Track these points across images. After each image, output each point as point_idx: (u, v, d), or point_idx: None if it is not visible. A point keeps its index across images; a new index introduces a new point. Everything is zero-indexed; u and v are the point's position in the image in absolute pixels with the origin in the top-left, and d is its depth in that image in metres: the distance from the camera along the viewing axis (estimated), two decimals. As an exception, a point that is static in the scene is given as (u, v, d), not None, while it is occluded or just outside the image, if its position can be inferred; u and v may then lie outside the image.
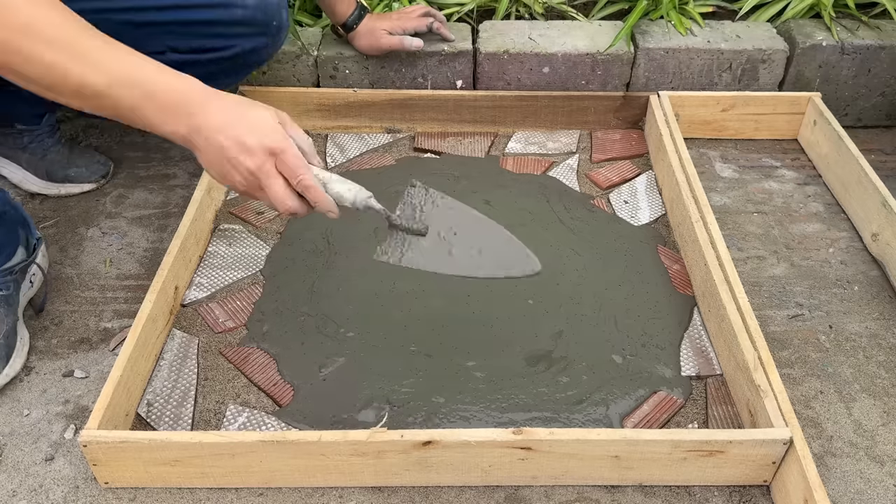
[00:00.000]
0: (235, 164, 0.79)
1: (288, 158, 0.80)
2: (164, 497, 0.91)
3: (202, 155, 0.81)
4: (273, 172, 0.80)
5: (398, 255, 0.89)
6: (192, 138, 0.79)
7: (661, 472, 0.90)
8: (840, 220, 1.34)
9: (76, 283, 1.21)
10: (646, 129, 1.53)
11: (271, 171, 0.80)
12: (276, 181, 0.81)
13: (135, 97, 0.77)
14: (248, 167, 0.79)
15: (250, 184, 0.81)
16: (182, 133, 0.79)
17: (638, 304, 1.14)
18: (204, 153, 0.80)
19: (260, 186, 0.81)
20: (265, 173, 0.80)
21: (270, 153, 0.80)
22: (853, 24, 1.54)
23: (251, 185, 0.81)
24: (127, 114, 0.78)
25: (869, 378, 1.06)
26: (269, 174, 0.80)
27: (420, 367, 1.04)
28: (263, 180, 0.80)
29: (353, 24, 1.43)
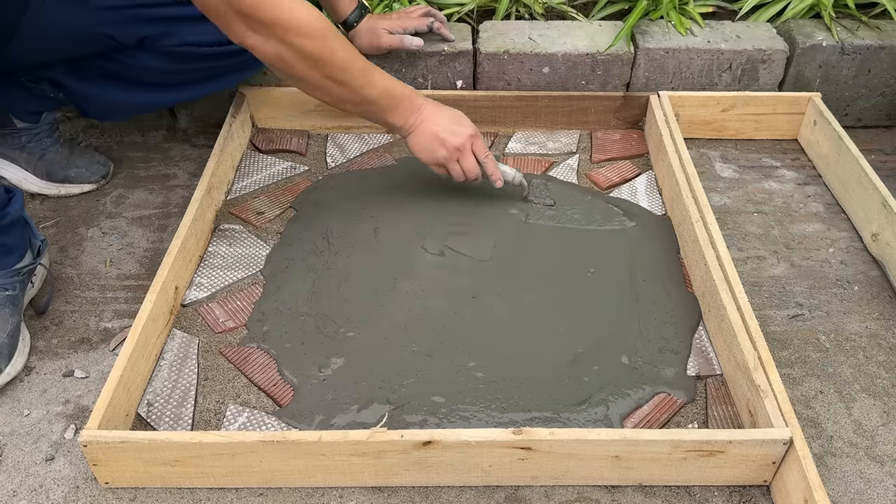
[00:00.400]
0: (444, 143, 1.18)
1: (480, 141, 1.22)
2: (164, 497, 0.91)
3: (417, 136, 1.18)
4: (469, 150, 1.21)
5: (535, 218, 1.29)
6: (416, 124, 1.17)
7: (661, 472, 0.90)
8: (840, 220, 1.34)
9: (76, 283, 1.21)
10: (646, 129, 1.53)
11: (468, 149, 1.20)
12: (471, 156, 1.21)
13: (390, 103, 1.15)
14: (454, 144, 1.19)
15: (451, 156, 1.19)
16: (410, 124, 1.17)
17: (649, 302, 1.14)
18: (420, 135, 1.18)
19: (458, 159, 1.20)
20: (465, 150, 1.20)
21: (470, 137, 1.20)
22: (853, 24, 1.54)
23: (451, 158, 1.20)
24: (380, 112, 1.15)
25: (869, 378, 1.06)
26: (467, 150, 1.20)
27: (420, 367, 1.04)
28: (463, 154, 1.20)
29: (354, 23, 1.43)
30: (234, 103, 1.46)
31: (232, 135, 1.40)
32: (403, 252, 1.23)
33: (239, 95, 1.48)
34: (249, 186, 1.39)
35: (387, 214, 1.30)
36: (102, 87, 1.28)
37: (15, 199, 1.08)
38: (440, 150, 1.19)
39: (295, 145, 1.50)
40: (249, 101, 1.50)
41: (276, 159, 1.46)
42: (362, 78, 1.10)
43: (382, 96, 1.13)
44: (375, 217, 1.30)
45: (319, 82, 1.08)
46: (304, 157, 1.48)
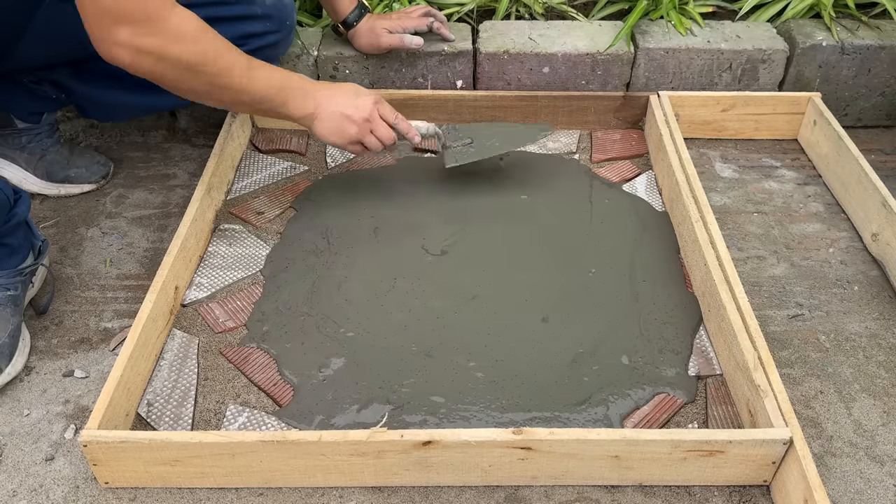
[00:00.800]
0: (350, 118, 1.14)
1: (385, 107, 1.18)
2: (164, 497, 0.91)
3: (321, 121, 1.14)
4: (378, 118, 1.17)
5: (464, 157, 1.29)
6: (316, 111, 1.13)
7: (661, 472, 0.90)
8: (840, 220, 1.34)
9: (76, 283, 1.21)
10: (646, 129, 1.53)
11: (377, 117, 1.17)
12: (383, 123, 1.18)
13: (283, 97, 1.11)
14: (363, 116, 1.15)
15: (363, 129, 1.16)
16: (309, 112, 1.13)
17: (649, 303, 1.14)
18: (324, 119, 1.14)
19: (370, 129, 1.16)
20: (375, 118, 1.16)
21: (374, 104, 1.17)
22: (853, 24, 1.54)
23: (363, 131, 1.16)
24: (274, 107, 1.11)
25: (869, 378, 1.06)
26: (376, 119, 1.17)
27: (420, 367, 1.04)
28: (374, 123, 1.16)
29: (354, 22, 1.43)
30: (234, 103, 1.46)
31: (232, 135, 1.40)
32: (403, 252, 1.23)
33: (239, 95, 1.48)
34: (249, 186, 1.39)
35: (387, 214, 1.30)
36: (104, 89, 1.28)
37: (22, 201, 1.08)
38: (351, 127, 1.15)
39: (295, 145, 1.50)
40: (249, 101, 1.50)
41: (276, 159, 1.46)
42: (247, 78, 1.06)
43: (275, 91, 1.10)
44: (375, 217, 1.30)
45: (203, 89, 1.04)
46: (304, 157, 1.48)
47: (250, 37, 1.27)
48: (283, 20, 1.31)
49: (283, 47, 1.38)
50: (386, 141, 1.19)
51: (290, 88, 1.11)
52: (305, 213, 1.32)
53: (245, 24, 1.26)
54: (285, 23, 1.31)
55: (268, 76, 1.09)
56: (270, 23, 1.28)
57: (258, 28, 1.28)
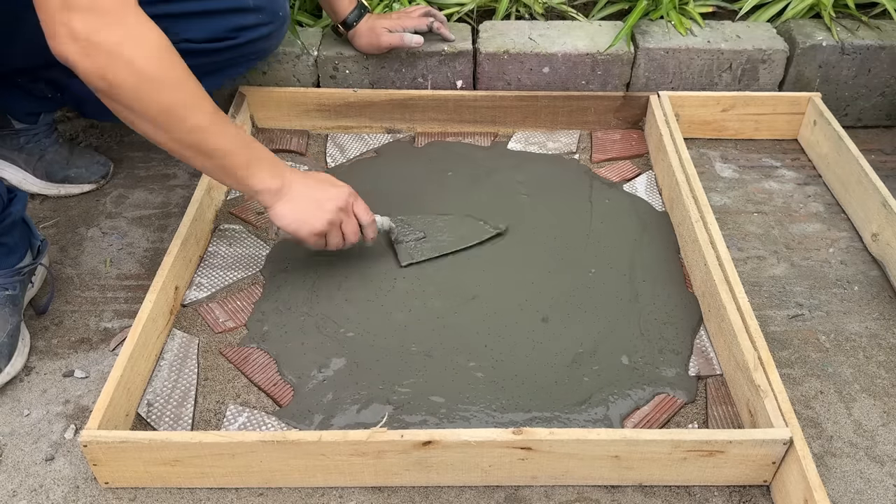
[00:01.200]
0: (323, 205, 1.03)
1: (361, 201, 1.10)
2: (164, 497, 0.91)
3: (288, 203, 1.02)
4: (351, 210, 1.08)
5: (419, 255, 1.21)
6: (284, 191, 1.02)
7: (661, 472, 0.90)
8: (840, 220, 1.34)
9: (76, 283, 1.21)
10: (646, 129, 1.53)
11: (350, 210, 1.07)
12: (353, 219, 1.08)
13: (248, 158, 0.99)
14: (338, 206, 1.05)
15: (334, 219, 1.05)
16: (275, 187, 1.01)
17: (649, 303, 1.14)
18: (292, 202, 1.02)
19: (341, 221, 1.06)
20: (347, 210, 1.07)
21: (350, 195, 1.07)
22: (853, 24, 1.54)
23: (334, 221, 1.05)
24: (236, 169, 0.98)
25: (869, 378, 1.06)
26: (349, 213, 1.07)
27: (420, 367, 1.04)
28: (347, 216, 1.07)
29: (353, 22, 1.43)
30: (234, 103, 1.46)
31: (232, 135, 1.40)
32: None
33: (239, 95, 1.48)
34: (249, 186, 1.39)
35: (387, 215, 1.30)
36: None
37: (17, 200, 1.08)
38: (319, 215, 1.03)
39: (295, 145, 1.50)
40: (249, 101, 1.50)
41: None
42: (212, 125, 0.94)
43: (233, 149, 0.97)
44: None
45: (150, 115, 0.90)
46: (304, 157, 1.48)
47: (242, 29, 1.24)
48: (275, 11, 1.28)
49: (276, 39, 1.34)
50: (349, 239, 1.09)
51: (258, 154, 1.00)
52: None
53: (237, 17, 1.24)
54: (278, 14, 1.28)
55: (236, 130, 0.97)
56: (262, 15, 1.26)
57: (250, 20, 1.25)
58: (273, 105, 1.51)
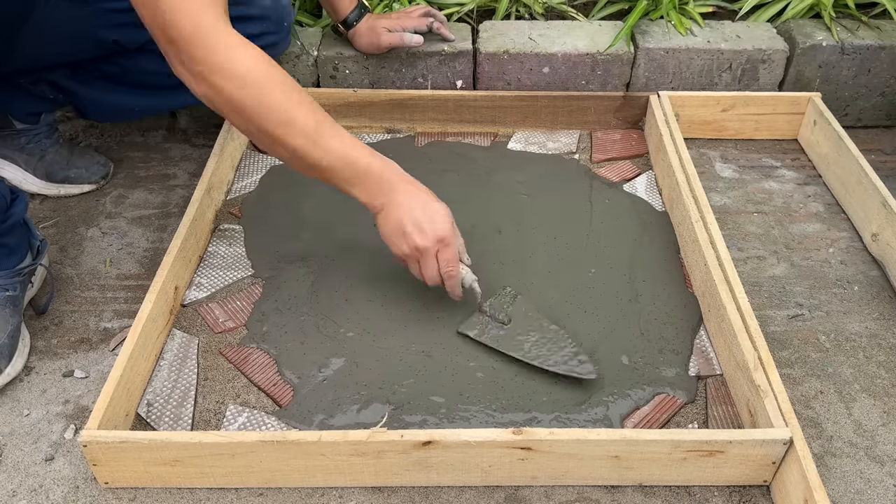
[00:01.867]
0: (407, 238, 1.00)
1: (450, 251, 1.02)
2: (164, 497, 0.91)
3: (384, 220, 1.01)
4: (433, 255, 1.01)
5: (478, 333, 1.08)
6: (383, 209, 1.01)
7: (661, 472, 0.90)
8: (840, 220, 1.34)
9: (76, 283, 1.21)
10: (646, 129, 1.53)
11: (432, 254, 1.01)
12: (434, 263, 1.02)
13: (351, 174, 0.98)
14: (416, 244, 1.00)
15: (411, 255, 1.02)
16: (377, 204, 1.00)
17: (649, 303, 1.14)
18: (386, 220, 1.01)
19: (418, 260, 1.02)
20: (429, 254, 1.01)
21: (439, 241, 1.00)
22: (853, 24, 1.54)
23: (411, 257, 1.02)
24: (340, 183, 0.99)
25: (869, 378, 1.06)
26: (430, 255, 1.01)
27: (420, 367, 1.04)
28: (425, 258, 1.01)
29: (353, 22, 1.43)
30: (234, 103, 1.46)
31: (232, 135, 1.40)
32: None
33: (239, 95, 1.48)
34: (249, 186, 1.39)
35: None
36: (101, 91, 1.28)
37: (19, 201, 1.08)
38: (401, 244, 1.01)
39: (295, 145, 1.50)
40: (249, 101, 1.50)
41: (276, 159, 1.46)
42: (309, 141, 0.95)
43: (337, 167, 0.97)
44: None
45: (257, 136, 0.95)
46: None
47: (247, 38, 1.26)
48: (280, 21, 1.30)
49: (281, 48, 1.38)
50: (426, 280, 1.05)
51: (363, 171, 0.98)
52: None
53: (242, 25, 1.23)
54: (283, 24, 1.31)
55: (339, 146, 0.97)
56: (268, 24, 1.27)
57: (255, 29, 1.25)
58: (273, 105, 1.51)
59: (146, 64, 1.24)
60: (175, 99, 1.35)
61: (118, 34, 1.18)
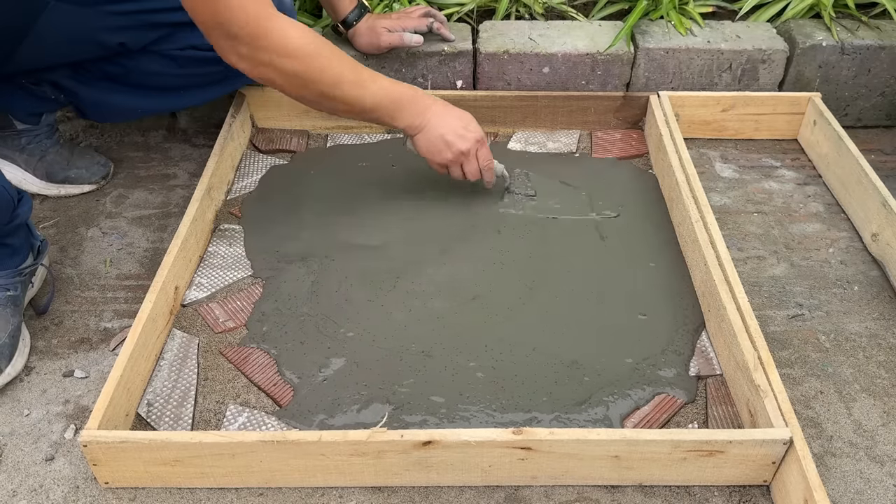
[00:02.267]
0: (451, 146, 1.19)
1: (486, 148, 1.24)
2: (164, 497, 0.91)
3: (424, 136, 1.18)
4: (474, 155, 1.22)
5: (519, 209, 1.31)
6: (422, 128, 1.18)
7: (661, 472, 0.90)
8: (840, 220, 1.34)
9: (76, 283, 1.21)
10: (646, 129, 1.53)
11: (473, 154, 1.22)
12: (475, 162, 1.23)
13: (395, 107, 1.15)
14: (460, 149, 1.19)
15: (455, 159, 1.21)
16: (416, 124, 1.17)
17: (651, 301, 1.14)
18: (426, 134, 1.18)
19: (462, 162, 1.22)
20: (471, 155, 1.21)
21: (477, 141, 1.21)
22: (853, 24, 1.54)
23: (455, 161, 1.21)
24: (385, 117, 1.16)
25: (869, 378, 1.06)
26: (472, 156, 1.22)
27: (420, 367, 1.04)
28: (467, 158, 1.21)
29: (353, 21, 1.43)
30: (234, 103, 1.46)
31: (232, 135, 1.40)
32: (404, 252, 1.23)
33: (239, 95, 1.48)
34: (249, 186, 1.39)
35: (387, 216, 1.30)
36: (103, 91, 1.28)
37: (24, 202, 1.09)
38: (445, 153, 1.19)
39: (295, 145, 1.50)
40: (249, 101, 1.50)
41: (276, 159, 1.46)
42: (357, 90, 1.10)
43: (383, 103, 1.13)
44: (375, 218, 1.30)
45: (314, 99, 1.10)
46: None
47: None
48: None
49: None
50: (470, 177, 1.24)
51: (402, 100, 1.15)
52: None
53: None
54: None
55: (379, 87, 1.13)
56: None
57: None
58: (273, 105, 1.51)
59: (148, 65, 1.24)
60: (177, 100, 1.36)
61: (124, 36, 1.18)
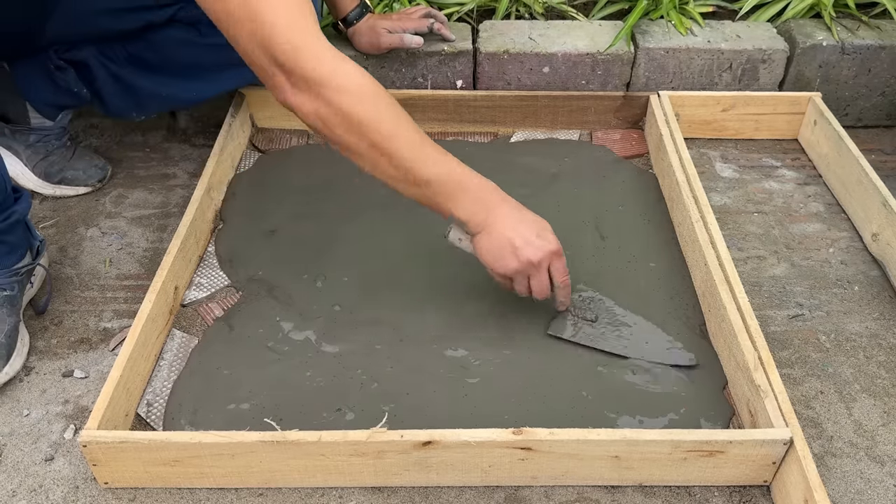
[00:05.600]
0: (518, 254, 0.98)
1: (562, 261, 1.02)
2: (164, 497, 0.91)
3: (486, 237, 0.99)
4: (545, 268, 1.01)
5: (572, 333, 1.08)
6: (485, 227, 0.98)
7: (661, 472, 0.90)
8: (840, 220, 1.34)
9: (76, 283, 1.21)
10: (646, 129, 1.53)
11: (545, 267, 1.01)
12: (545, 277, 1.02)
13: (452, 188, 0.97)
14: (529, 259, 0.98)
15: (522, 271, 1.00)
16: (478, 221, 0.98)
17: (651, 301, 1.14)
18: (491, 235, 0.98)
19: (530, 275, 1.01)
20: (542, 268, 1.00)
21: (553, 254, 1.00)
22: (853, 24, 1.54)
23: (521, 272, 1.00)
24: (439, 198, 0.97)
25: (869, 378, 1.06)
26: (543, 269, 1.01)
27: (419, 366, 1.04)
28: (537, 272, 1.00)
29: (354, 20, 1.43)
30: (234, 103, 1.46)
31: (232, 135, 1.40)
32: (404, 252, 1.22)
33: (238, 95, 1.48)
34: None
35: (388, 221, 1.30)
36: (128, 76, 1.27)
37: (22, 199, 1.08)
38: (511, 261, 0.99)
39: (295, 145, 1.50)
40: (249, 101, 1.50)
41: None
42: (415, 151, 0.95)
43: (442, 179, 0.96)
44: (374, 220, 1.30)
45: (363, 151, 0.95)
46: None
47: None
48: None
49: None
50: (537, 296, 1.03)
51: (468, 185, 0.98)
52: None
53: None
54: None
55: (445, 161, 0.97)
56: None
57: None
58: (273, 105, 1.50)
59: (173, 33, 1.25)
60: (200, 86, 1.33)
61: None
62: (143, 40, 1.26)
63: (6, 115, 1.33)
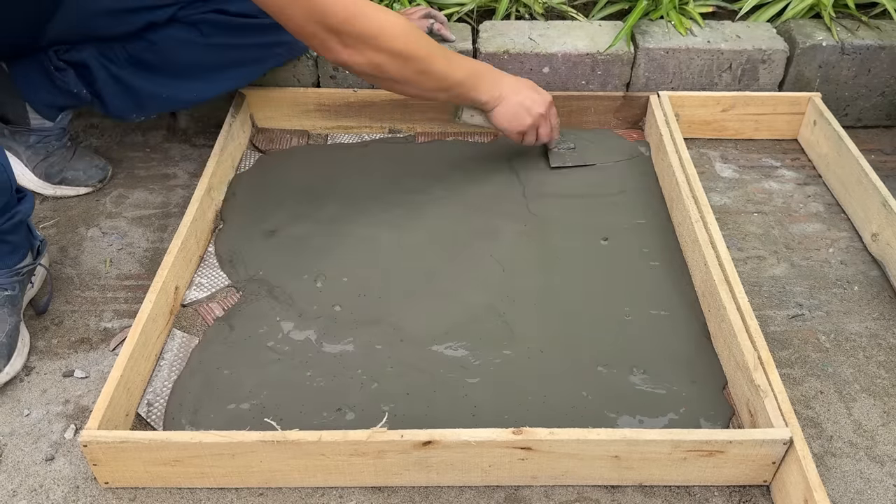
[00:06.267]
0: (530, 111, 1.28)
1: (554, 108, 1.34)
2: (164, 497, 0.91)
3: (504, 107, 1.27)
4: (548, 116, 1.32)
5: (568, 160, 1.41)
6: (501, 97, 1.26)
7: (661, 472, 0.90)
8: (840, 220, 1.34)
9: (76, 283, 1.21)
10: (646, 129, 1.53)
11: (548, 115, 1.32)
12: (549, 123, 1.33)
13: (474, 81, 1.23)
14: (539, 112, 1.29)
15: (535, 122, 1.29)
16: (495, 96, 1.25)
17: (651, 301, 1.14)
18: (506, 104, 1.26)
19: (539, 124, 1.31)
20: (545, 117, 1.31)
21: (549, 105, 1.32)
22: (853, 24, 1.54)
23: (534, 123, 1.30)
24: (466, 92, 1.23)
25: (869, 378, 1.06)
26: (547, 117, 1.32)
27: (418, 366, 1.04)
28: (543, 121, 1.31)
29: None
30: (234, 103, 1.46)
31: (232, 135, 1.40)
32: (403, 252, 1.23)
33: (238, 95, 1.48)
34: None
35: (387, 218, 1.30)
36: (128, 76, 1.27)
37: (26, 199, 1.08)
38: (526, 118, 1.27)
39: (295, 145, 1.50)
40: (249, 101, 1.50)
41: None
42: (448, 64, 1.18)
43: (468, 76, 1.21)
44: (374, 222, 1.30)
45: (412, 77, 1.15)
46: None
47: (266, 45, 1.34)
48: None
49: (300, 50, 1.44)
50: (543, 139, 1.34)
51: (482, 73, 1.24)
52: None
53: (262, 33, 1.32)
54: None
55: (462, 62, 1.22)
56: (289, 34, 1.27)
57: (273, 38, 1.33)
58: (273, 105, 1.51)
59: (174, 33, 1.26)
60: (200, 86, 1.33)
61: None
62: (144, 41, 1.26)
63: (6, 116, 1.33)
